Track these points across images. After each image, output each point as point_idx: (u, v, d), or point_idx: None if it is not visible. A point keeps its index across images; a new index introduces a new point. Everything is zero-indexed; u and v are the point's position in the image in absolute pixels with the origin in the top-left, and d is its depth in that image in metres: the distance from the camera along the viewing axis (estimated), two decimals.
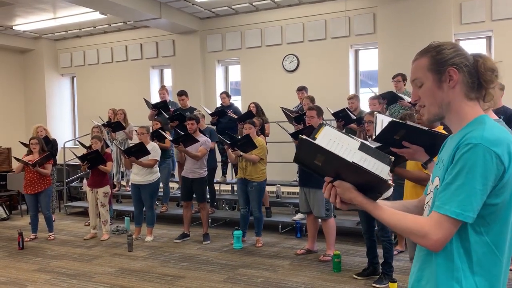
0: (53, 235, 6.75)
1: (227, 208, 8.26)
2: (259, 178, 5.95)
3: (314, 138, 1.48)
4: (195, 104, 8.50)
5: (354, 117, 6.00)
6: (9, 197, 8.91)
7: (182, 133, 6.28)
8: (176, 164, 8.06)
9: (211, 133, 7.25)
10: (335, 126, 6.77)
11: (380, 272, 4.62)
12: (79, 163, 6.74)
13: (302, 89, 7.48)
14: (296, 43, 8.95)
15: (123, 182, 8.78)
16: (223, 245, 6.20)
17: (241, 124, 6.90)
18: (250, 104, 7.49)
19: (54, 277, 5.02)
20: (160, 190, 6.99)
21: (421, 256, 1.45)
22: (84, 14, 9.13)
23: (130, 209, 7.58)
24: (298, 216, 6.77)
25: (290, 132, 5.96)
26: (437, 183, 1.39)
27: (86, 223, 7.49)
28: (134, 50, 10.66)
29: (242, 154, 5.81)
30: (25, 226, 7.56)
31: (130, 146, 6.57)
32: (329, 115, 6.52)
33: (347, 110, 6.08)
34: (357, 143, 1.49)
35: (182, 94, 7.95)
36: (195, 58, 9.78)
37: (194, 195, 6.40)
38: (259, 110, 7.42)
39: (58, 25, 10.10)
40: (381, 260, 4.65)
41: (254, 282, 4.70)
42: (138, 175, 6.37)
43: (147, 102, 8.15)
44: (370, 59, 8.66)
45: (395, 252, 5.22)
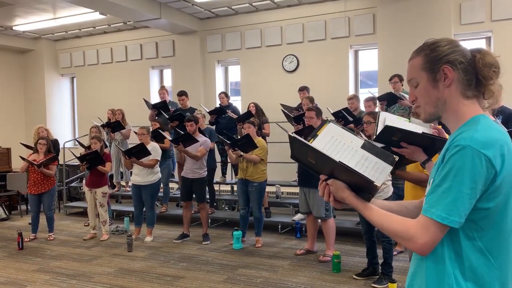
0: (52, 236, 6.75)
1: (227, 208, 8.26)
2: (260, 179, 5.95)
3: (315, 135, 1.47)
4: (195, 104, 8.50)
5: (351, 118, 6.00)
6: (8, 197, 8.90)
7: (182, 133, 6.28)
8: (176, 164, 8.05)
9: (211, 133, 7.24)
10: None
11: (379, 272, 4.62)
12: (79, 163, 6.75)
13: (303, 89, 7.47)
14: (296, 44, 8.96)
15: (123, 183, 8.78)
16: (223, 245, 6.20)
17: (240, 124, 6.90)
18: (250, 104, 7.49)
19: (53, 277, 5.02)
20: (159, 190, 6.99)
21: (415, 259, 1.42)
22: (84, 14, 9.14)
23: (129, 209, 7.58)
24: (298, 216, 6.77)
25: (288, 133, 5.94)
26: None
27: (86, 224, 7.49)
28: (134, 50, 10.67)
29: (242, 154, 5.81)
30: (24, 226, 7.57)
31: (130, 147, 6.56)
32: (328, 115, 6.53)
33: (344, 112, 6.07)
34: (360, 141, 1.47)
35: (182, 94, 7.95)
36: (195, 58, 9.78)
37: (194, 196, 6.41)
38: (259, 110, 7.41)
39: (58, 25, 10.10)
40: (380, 260, 4.65)
41: (254, 282, 4.70)
42: (139, 176, 6.37)
43: (147, 103, 8.15)
44: (369, 60, 8.66)
45: (395, 252, 5.21)
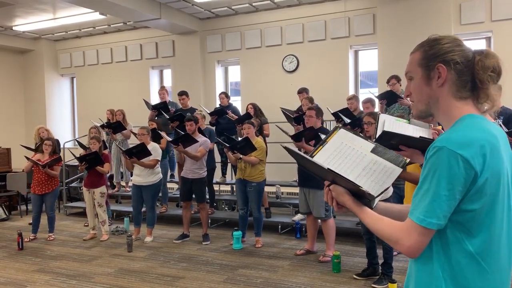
0: (52, 236, 6.75)
1: (227, 208, 8.25)
2: (258, 179, 5.95)
3: (325, 142, 1.53)
4: (195, 104, 8.50)
5: (348, 120, 5.98)
6: (8, 197, 8.90)
7: (182, 133, 6.28)
8: (176, 164, 8.05)
9: (210, 133, 7.24)
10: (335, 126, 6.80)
11: (379, 272, 4.62)
12: (78, 164, 6.75)
13: (303, 91, 7.38)
14: (295, 44, 8.95)
15: (123, 183, 8.77)
16: (223, 245, 6.19)
17: (239, 126, 6.88)
18: (248, 105, 7.48)
19: (53, 277, 5.02)
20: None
21: (410, 261, 1.42)
22: (83, 14, 9.13)
23: (129, 209, 7.57)
24: (298, 216, 6.77)
25: (290, 133, 5.94)
26: None
27: (86, 224, 7.48)
28: (133, 50, 10.66)
29: (242, 157, 5.82)
30: (24, 226, 7.56)
31: (131, 147, 6.56)
32: (328, 116, 6.53)
33: (340, 113, 6.07)
34: (370, 146, 1.51)
35: (182, 94, 7.95)
36: (195, 58, 9.78)
37: (194, 196, 6.41)
38: (257, 110, 7.39)
39: (58, 25, 10.10)
40: (380, 260, 4.65)
41: (254, 282, 4.70)
42: (140, 176, 6.36)
43: (147, 103, 8.14)
44: (369, 60, 8.66)
45: (395, 253, 5.20)
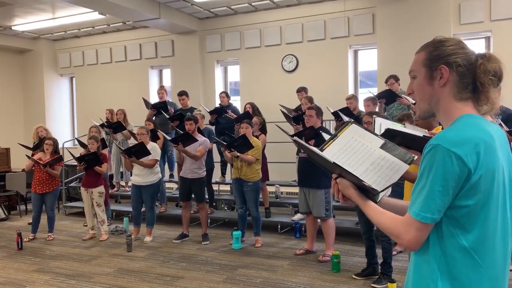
0: (52, 236, 6.75)
1: (226, 208, 8.25)
2: (255, 178, 5.95)
3: (336, 136, 1.56)
4: (195, 104, 8.50)
5: (346, 118, 5.98)
6: (8, 197, 8.89)
7: (182, 132, 6.28)
8: (175, 164, 8.04)
9: (209, 133, 7.24)
10: (334, 125, 6.79)
11: (379, 272, 4.62)
12: (77, 164, 6.74)
13: (301, 90, 7.45)
14: (295, 43, 8.95)
15: (122, 183, 8.77)
16: (222, 245, 6.19)
17: (238, 124, 6.89)
18: (246, 104, 7.48)
19: (53, 277, 5.01)
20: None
21: (410, 256, 1.48)
22: (83, 14, 9.12)
23: (129, 209, 7.57)
24: (297, 216, 6.77)
25: (289, 133, 5.94)
26: None
27: (85, 224, 7.46)
28: (133, 50, 10.65)
29: (239, 155, 5.82)
30: (24, 226, 7.56)
31: (130, 146, 6.55)
32: (328, 115, 6.53)
33: (340, 112, 6.07)
34: (380, 141, 1.55)
35: (182, 94, 7.95)
36: (194, 58, 9.77)
37: (193, 196, 6.40)
38: (255, 110, 7.41)
39: (57, 25, 10.09)
40: (380, 260, 4.65)
41: (253, 282, 4.70)
42: (139, 176, 6.36)
43: (146, 102, 8.14)
44: (369, 59, 8.66)
45: (395, 252, 5.22)
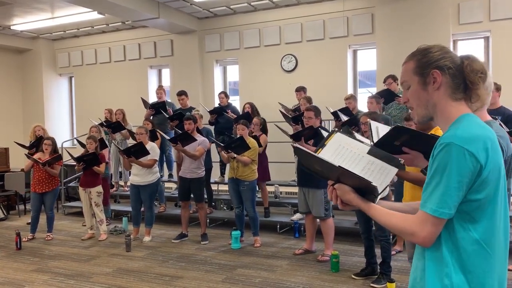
0: (51, 235, 6.74)
1: (225, 208, 8.24)
2: (251, 177, 5.95)
3: (323, 145, 1.58)
4: (195, 104, 8.49)
5: (345, 117, 6.00)
6: (7, 197, 8.88)
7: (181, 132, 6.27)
8: (173, 164, 8.04)
9: (207, 133, 7.24)
10: (333, 125, 6.80)
11: (378, 272, 4.62)
12: (75, 164, 6.73)
13: (300, 89, 7.47)
14: (294, 43, 8.95)
15: (121, 182, 8.76)
16: (221, 245, 6.19)
17: (236, 124, 6.90)
18: (245, 104, 7.49)
19: (52, 277, 5.01)
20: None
21: (416, 254, 1.51)
22: (82, 14, 9.12)
23: (128, 209, 7.56)
24: (297, 216, 6.78)
25: (289, 133, 5.94)
26: None
27: (84, 224, 7.46)
28: (132, 50, 10.65)
29: (235, 156, 5.82)
30: (23, 226, 7.55)
31: (129, 146, 6.55)
32: (328, 115, 6.53)
33: (340, 112, 6.08)
34: (366, 148, 1.58)
35: (181, 94, 7.94)
36: (193, 58, 9.77)
37: (192, 195, 6.40)
38: (254, 110, 7.41)
39: (56, 25, 10.08)
40: (379, 260, 4.65)
41: (252, 282, 4.70)
42: (138, 176, 6.36)
43: (145, 102, 8.13)
44: (368, 59, 8.67)
45: (394, 252, 5.22)
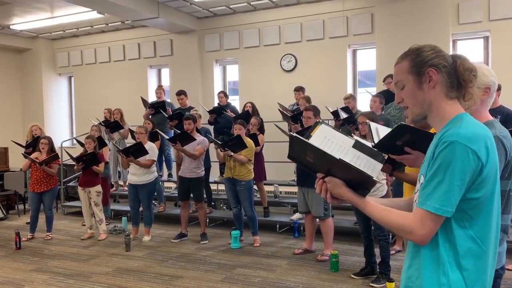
0: (50, 235, 6.74)
1: (225, 207, 8.25)
2: (247, 177, 5.95)
3: (309, 136, 1.52)
4: (194, 103, 8.49)
5: (344, 115, 6.02)
6: (6, 196, 8.88)
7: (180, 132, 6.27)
8: (173, 163, 8.04)
9: (206, 133, 7.24)
10: (333, 125, 6.80)
11: (377, 271, 4.62)
12: (75, 163, 6.74)
13: (299, 89, 7.47)
14: (294, 43, 8.95)
15: (120, 182, 8.76)
16: (221, 244, 6.19)
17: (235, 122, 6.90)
18: (246, 103, 7.49)
19: (51, 277, 5.01)
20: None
21: (410, 252, 1.50)
22: (81, 13, 9.12)
23: (127, 209, 7.56)
24: (296, 215, 6.78)
25: (289, 133, 5.94)
26: (422, 181, 1.44)
27: (83, 223, 7.46)
28: (131, 49, 10.64)
29: (232, 154, 5.82)
30: (22, 226, 7.54)
31: (128, 146, 6.55)
32: (327, 115, 6.53)
33: (341, 110, 6.08)
34: (351, 141, 1.54)
35: (181, 93, 7.94)
36: (193, 57, 9.77)
37: (192, 195, 6.40)
38: (255, 110, 7.42)
39: (56, 24, 10.08)
40: (378, 259, 4.65)
41: (252, 282, 4.70)
42: (135, 175, 6.36)
43: (144, 101, 8.13)
44: (368, 59, 8.67)
45: (393, 251, 5.22)
